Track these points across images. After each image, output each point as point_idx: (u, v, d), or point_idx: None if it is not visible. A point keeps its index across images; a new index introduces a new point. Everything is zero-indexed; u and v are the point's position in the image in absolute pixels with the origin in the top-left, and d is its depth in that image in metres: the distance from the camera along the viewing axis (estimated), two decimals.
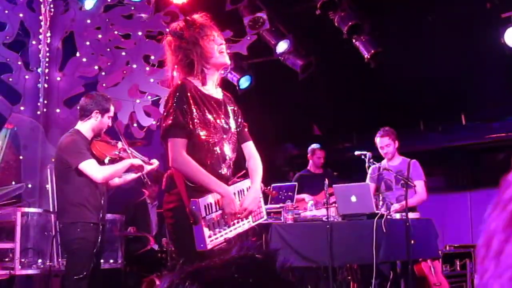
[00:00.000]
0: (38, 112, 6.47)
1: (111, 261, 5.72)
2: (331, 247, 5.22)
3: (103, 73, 6.73)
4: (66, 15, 6.80)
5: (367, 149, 6.06)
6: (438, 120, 9.65)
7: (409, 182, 5.63)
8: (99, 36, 6.75)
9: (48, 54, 6.60)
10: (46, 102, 6.52)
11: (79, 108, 4.72)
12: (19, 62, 6.56)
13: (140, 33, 6.78)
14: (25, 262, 5.17)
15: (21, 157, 6.25)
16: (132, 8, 6.87)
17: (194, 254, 2.88)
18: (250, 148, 3.37)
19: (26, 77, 6.54)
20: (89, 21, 6.75)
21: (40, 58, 6.58)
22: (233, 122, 3.26)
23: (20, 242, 5.01)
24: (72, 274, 4.45)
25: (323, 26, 7.80)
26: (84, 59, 6.72)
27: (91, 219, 4.49)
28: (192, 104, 3.06)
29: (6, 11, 6.50)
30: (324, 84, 9.12)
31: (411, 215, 5.41)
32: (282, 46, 7.97)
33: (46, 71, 6.57)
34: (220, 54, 3.17)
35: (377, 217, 5.13)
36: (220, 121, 3.16)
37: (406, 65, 8.27)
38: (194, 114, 3.05)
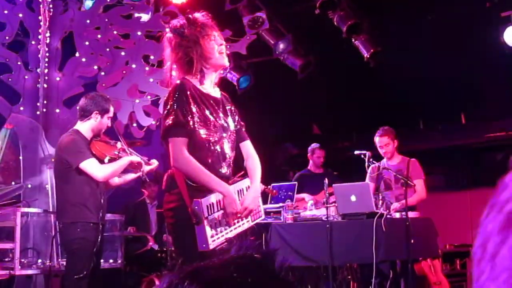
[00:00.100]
0: (38, 112, 6.47)
1: (111, 261, 5.72)
2: (331, 247, 5.22)
3: (103, 73, 6.72)
4: (65, 15, 6.79)
5: (367, 148, 6.05)
6: (438, 119, 9.65)
7: (408, 181, 5.63)
8: (99, 36, 6.74)
9: (47, 54, 6.60)
10: (45, 102, 6.52)
11: (79, 108, 4.73)
12: (19, 62, 6.55)
13: (139, 33, 6.77)
14: (25, 262, 5.18)
15: (20, 157, 6.25)
16: (131, 8, 6.86)
17: (195, 254, 2.88)
18: (248, 147, 3.37)
19: (26, 77, 6.54)
20: (88, 21, 6.75)
21: (39, 58, 6.58)
22: (231, 121, 3.26)
23: (20, 242, 5.01)
24: (72, 273, 4.45)
25: (323, 25, 7.80)
26: (83, 59, 6.71)
27: (91, 219, 4.50)
28: (192, 103, 3.06)
29: (6, 11, 6.49)
30: (323, 83, 9.12)
31: (411, 214, 5.41)
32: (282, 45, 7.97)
33: (46, 71, 6.57)
34: (219, 55, 3.17)
35: (376, 216, 5.13)
36: (219, 120, 3.16)
37: (405, 64, 8.27)
38: (194, 113, 3.05)
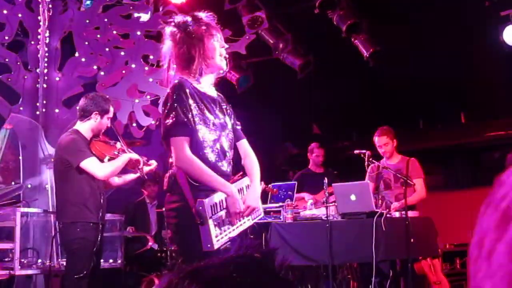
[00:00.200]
0: (37, 112, 6.47)
1: (111, 260, 5.72)
2: (331, 246, 5.22)
3: (102, 73, 6.72)
4: (65, 15, 6.79)
5: (367, 148, 6.05)
6: (438, 118, 9.66)
7: (408, 181, 5.63)
8: (98, 36, 6.74)
9: (47, 54, 6.60)
10: (45, 102, 6.52)
11: (79, 108, 4.74)
12: (18, 62, 6.55)
13: (139, 32, 6.77)
14: (25, 262, 5.18)
15: (20, 157, 6.24)
16: (130, 8, 6.86)
17: (200, 254, 2.86)
18: (245, 146, 3.37)
19: (25, 77, 6.54)
20: (87, 21, 6.74)
21: (39, 58, 6.57)
22: (228, 119, 3.27)
23: (20, 242, 5.01)
24: (72, 273, 4.46)
25: (322, 25, 7.80)
26: (83, 59, 6.71)
27: (91, 219, 4.50)
28: (191, 102, 3.06)
29: (5, 11, 6.49)
30: (323, 83, 9.12)
31: (411, 214, 5.41)
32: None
33: (45, 71, 6.57)
34: (220, 57, 3.18)
35: (376, 215, 5.13)
36: (218, 118, 3.17)
37: (405, 63, 8.27)
38: (194, 112, 3.05)
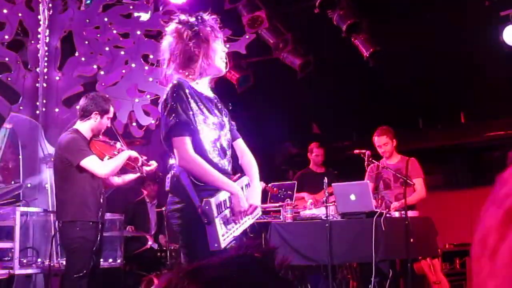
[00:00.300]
0: (37, 111, 6.47)
1: (111, 260, 5.73)
2: (331, 246, 5.22)
3: (102, 72, 6.71)
4: (65, 15, 6.78)
5: (367, 147, 6.06)
6: (437, 118, 9.65)
7: (408, 180, 5.63)
8: (98, 35, 6.74)
9: (47, 54, 6.59)
10: (45, 101, 6.51)
11: (79, 108, 4.76)
12: (18, 62, 6.55)
13: (139, 32, 6.77)
14: (24, 261, 5.18)
15: (20, 156, 6.24)
16: (130, 7, 6.86)
17: (206, 254, 2.85)
18: (241, 145, 3.38)
19: (25, 76, 6.53)
20: (87, 20, 6.74)
21: (39, 58, 6.57)
22: (225, 119, 3.28)
23: (19, 242, 5.01)
24: (71, 273, 4.46)
25: (322, 24, 7.80)
26: (83, 59, 6.71)
27: (91, 218, 4.51)
28: (191, 101, 3.06)
29: (5, 11, 6.48)
30: (323, 83, 9.12)
31: (411, 214, 5.41)
32: None
33: (45, 71, 6.56)
34: (220, 60, 3.18)
35: (376, 215, 5.13)
36: (217, 117, 3.18)
37: (405, 63, 8.27)
38: (194, 112, 3.06)
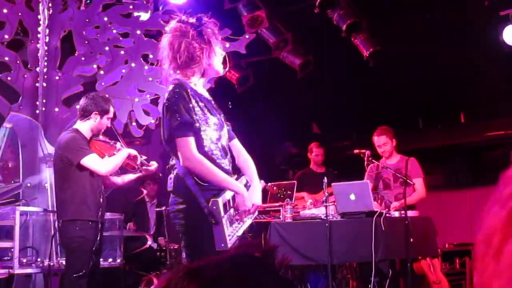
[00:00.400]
0: (37, 111, 6.46)
1: (110, 259, 5.72)
2: (330, 245, 5.22)
3: (102, 72, 6.71)
4: (65, 14, 6.78)
5: (366, 147, 6.06)
6: (437, 118, 9.65)
7: (408, 180, 5.62)
8: (98, 35, 6.74)
9: (46, 53, 6.59)
10: (44, 101, 6.51)
11: (79, 108, 4.77)
12: (18, 61, 6.54)
13: (138, 32, 6.77)
14: (24, 261, 5.18)
15: (20, 156, 6.24)
16: (130, 7, 6.86)
17: (211, 254, 2.85)
18: (238, 145, 3.39)
19: (25, 76, 6.53)
20: (87, 20, 6.74)
21: (38, 57, 6.56)
22: (223, 119, 3.28)
23: (19, 241, 5.01)
24: (71, 272, 4.47)
25: (322, 24, 7.79)
26: (82, 58, 6.71)
27: (90, 217, 4.51)
28: (193, 102, 3.06)
29: (5, 10, 6.48)
30: (323, 82, 9.12)
31: (410, 213, 5.40)
32: None
33: (45, 70, 6.56)
34: (219, 62, 3.19)
35: (376, 215, 5.13)
36: (216, 117, 3.19)
37: (404, 63, 8.27)
38: (196, 112, 3.06)
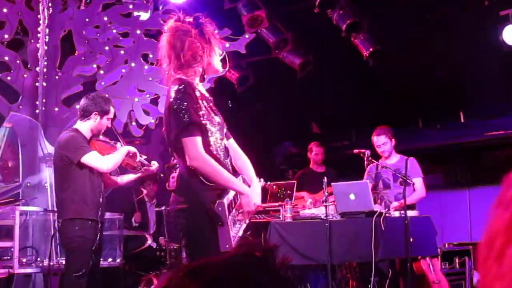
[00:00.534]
0: (37, 110, 6.47)
1: (110, 259, 5.73)
2: (330, 245, 5.22)
3: (102, 71, 6.71)
4: (65, 14, 6.78)
5: (366, 147, 6.05)
6: (437, 117, 9.65)
7: (407, 180, 5.62)
8: (98, 34, 6.74)
9: (46, 53, 6.59)
10: (44, 100, 6.52)
11: (79, 108, 4.77)
12: (18, 61, 6.55)
13: (138, 31, 6.77)
14: (24, 260, 5.18)
15: (19, 155, 6.24)
16: (130, 6, 6.86)
17: (214, 254, 2.84)
18: (234, 145, 3.39)
19: (25, 75, 6.53)
20: (87, 19, 6.74)
21: (38, 57, 6.57)
22: (222, 119, 3.27)
23: (19, 241, 5.01)
24: (71, 272, 4.47)
25: (322, 24, 7.79)
26: (82, 58, 6.71)
27: (90, 216, 4.51)
28: (200, 101, 3.05)
29: (5, 10, 6.48)
30: (323, 82, 9.12)
31: (410, 213, 5.40)
32: None
33: (45, 70, 6.56)
34: (218, 61, 3.18)
35: (375, 215, 5.13)
36: (218, 117, 3.18)
37: (404, 63, 8.27)
38: (203, 111, 3.04)
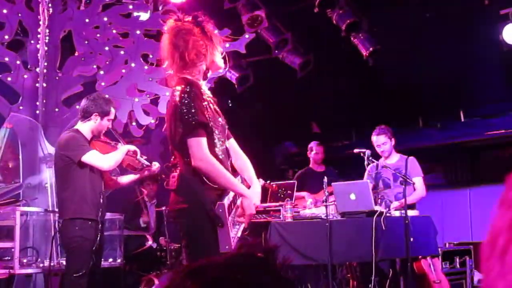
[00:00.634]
0: (37, 111, 6.47)
1: (111, 259, 5.73)
2: (330, 245, 5.22)
3: (102, 72, 6.72)
4: (64, 14, 6.79)
5: (367, 146, 6.05)
6: (437, 117, 9.65)
7: (407, 180, 5.62)
8: (98, 35, 6.75)
9: (46, 53, 6.59)
10: (44, 101, 6.52)
11: (80, 109, 4.78)
12: (18, 62, 6.55)
13: (138, 32, 6.77)
14: (24, 261, 5.18)
15: (20, 156, 6.25)
16: (130, 7, 6.86)
17: (213, 254, 2.85)
18: (235, 145, 3.37)
19: (25, 76, 6.54)
20: (87, 20, 6.74)
21: (38, 57, 6.57)
22: (223, 120, 3.25)
23: (19, 241, 5.01)
24: (71, 272, 4.47)
25: (322, 24, 7.79)
26: (82, 58, 6.71)
27: (90, 215, 4.51)
28: (206, 101, 3.04)
29: (5, 11, 6.48)
30: (322, 82, 9.12)
31: (410, 213, 5.40)
32: None
33: (45, 71, 6.56)
34: (220, 58, 3.18)
35: (376, 214, 5.13)
36: (221, 119, 3.17)
37: (404, 62, 8.27)
38: (208, 112, 3.02)
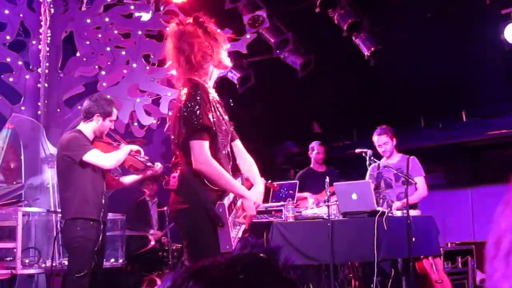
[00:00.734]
0: (39, 111, 6.47)
1: (112, 260, 5.73)
2: (332, 245, 5.22)
3: (103, 72, 6.73)
4: (66, 15, 6.80)
5: (368, 146, 6.05)
6: (439, 117, 9.65)
7: (409, 179, 5.62)
8: (99, 35, 6.76)
9: (48, 54, 6.60)
10: (46, 101, 6.53)
11: (82, 109, 4.79)
12: (20, 62, 6.56)
13: (140, 32, 6.78)
14: (26, 261, 5.19)
15: (21, 157, 6.25)
16: (131, 7, 6.87)
17: (214, 254, 2.84)
18: (240, 146, 3.37)
19: (27, 77, 6.54)
20: (89, 20, 6.75)
21: (40, 58, 6.58)
22: (228, 122, 3.23)
23: (21, 242, 5.02)
24: (73, 272, 4.48)
25: (323, 24, 7.80)
26: (84, 59, 6.72)
27: (92, 215, 4.52)
28: (211, 105, 3.00)
29: (6, 11, 6.50)
30: (324, 82, 9.12)
31: (412, 212, 5.40)
32: None
33: (46, 71, 6.57)
34: (226, 56, 3.16)
35: (378, 214, 5.13)
36: (227, 123, 3.14)
37: (406, 62, 8.27)
38: (214, 115, 3.00)
